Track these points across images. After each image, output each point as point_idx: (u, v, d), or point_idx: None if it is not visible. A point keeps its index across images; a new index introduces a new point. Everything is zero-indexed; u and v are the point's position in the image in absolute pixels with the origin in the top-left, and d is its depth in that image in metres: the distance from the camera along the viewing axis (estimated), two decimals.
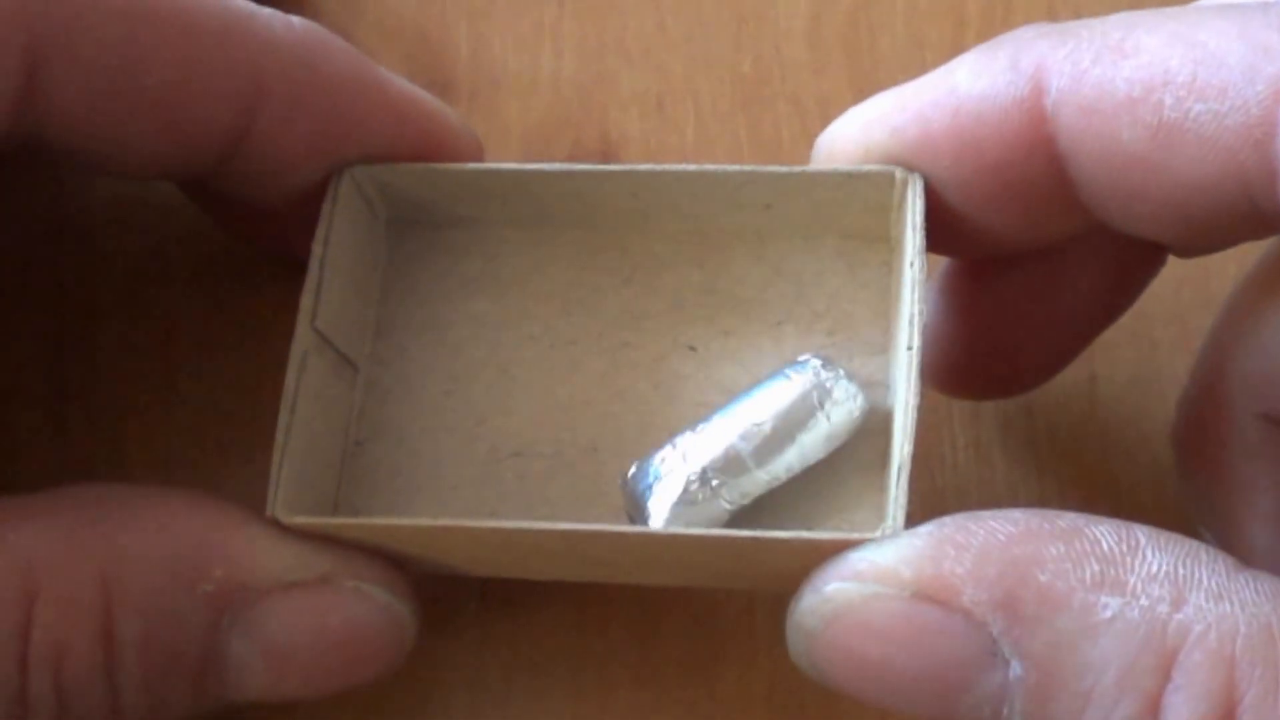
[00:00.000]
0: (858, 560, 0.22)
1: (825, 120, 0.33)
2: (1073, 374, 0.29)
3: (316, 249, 0.26)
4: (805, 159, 0.28)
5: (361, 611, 0.25)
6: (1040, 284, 0.27)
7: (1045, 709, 0.21)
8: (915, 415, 0.23)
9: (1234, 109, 0.22)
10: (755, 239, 0.28)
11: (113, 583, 0.24)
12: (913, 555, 0.22)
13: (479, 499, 0.26)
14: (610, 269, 0.28)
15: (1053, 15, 0.35)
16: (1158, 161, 0.23)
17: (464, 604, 0.28)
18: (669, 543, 0.24)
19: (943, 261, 0.28)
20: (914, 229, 0.25)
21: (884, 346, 0.27)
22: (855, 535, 0.23)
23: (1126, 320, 0.29)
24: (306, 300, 0.26)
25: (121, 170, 0.27)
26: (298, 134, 0.26)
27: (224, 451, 0.29)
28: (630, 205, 0.27)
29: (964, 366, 0.28)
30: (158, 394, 0.30)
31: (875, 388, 0.26)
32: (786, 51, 0.34)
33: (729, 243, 0.28)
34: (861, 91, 0.34)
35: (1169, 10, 0.24)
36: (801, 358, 0.26)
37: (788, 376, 0.25)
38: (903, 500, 0.23)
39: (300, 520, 0.25)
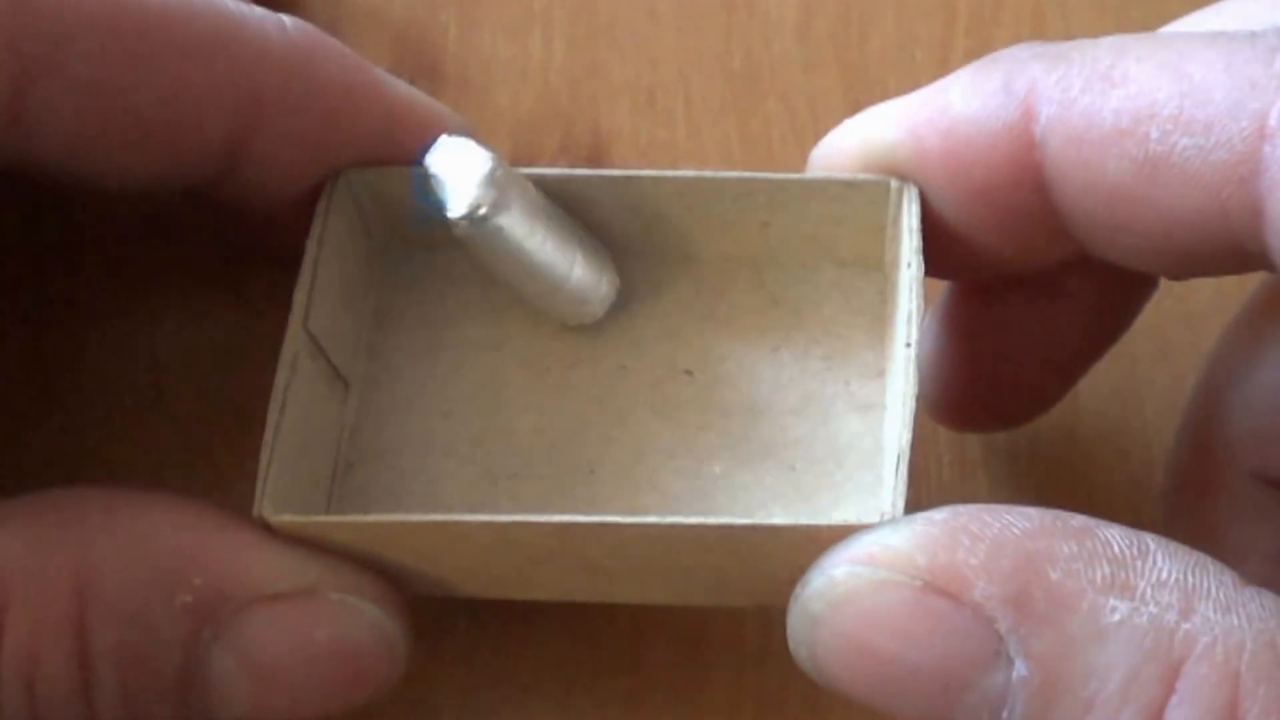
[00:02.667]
0: (870, 543, 0.22)
1: (814, 120, 0.33)
2: None
3: (310, 248, 0.26)
4: (794, 161, 0.28)
5: (349, 626, 0.24)
6: (1034, 311, 0.27)
7: (1047, 713, 0.21)
8: (913, 405, 0.23)
9: (1218, 145, 0.22)
10: (752, 267, 0.28)
11: (87, 592, 0.23)
12: (927, 542, 0.21)
13: None
14: None
15: (1039, 12, 0.35)
16: (1142, 195, 0.23)
17: (454, 621, 0.28)
18: (667, 534, 0.23)
19: (939, 290, 0.28)
20: (910, 231, 0.25)
21: (880, 370, 0.27)
22: (855, 522, 0.22)
23: None
24: (299, 298, 0.25)
25: (117, 188, 0.26)
26: (294, 142, 0.26)
27: (214, 460, 0.29)
28: (626, 221, 0.27)
29: (961, 397, 0.28)
30: (144, 402, 0.29)
31: (872, 410, 0.26)
32: (776, 45, 0.34)
33: (727, 269, 0.28)
34: (851, 88, 0.34)
35: (1160, 37, 0.24)
36: None
37: None
38: (902, 488, 0.23)
39: (287, 518, 0.24)
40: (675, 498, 0.26)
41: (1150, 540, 0.21)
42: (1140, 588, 0.20)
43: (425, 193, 0.26)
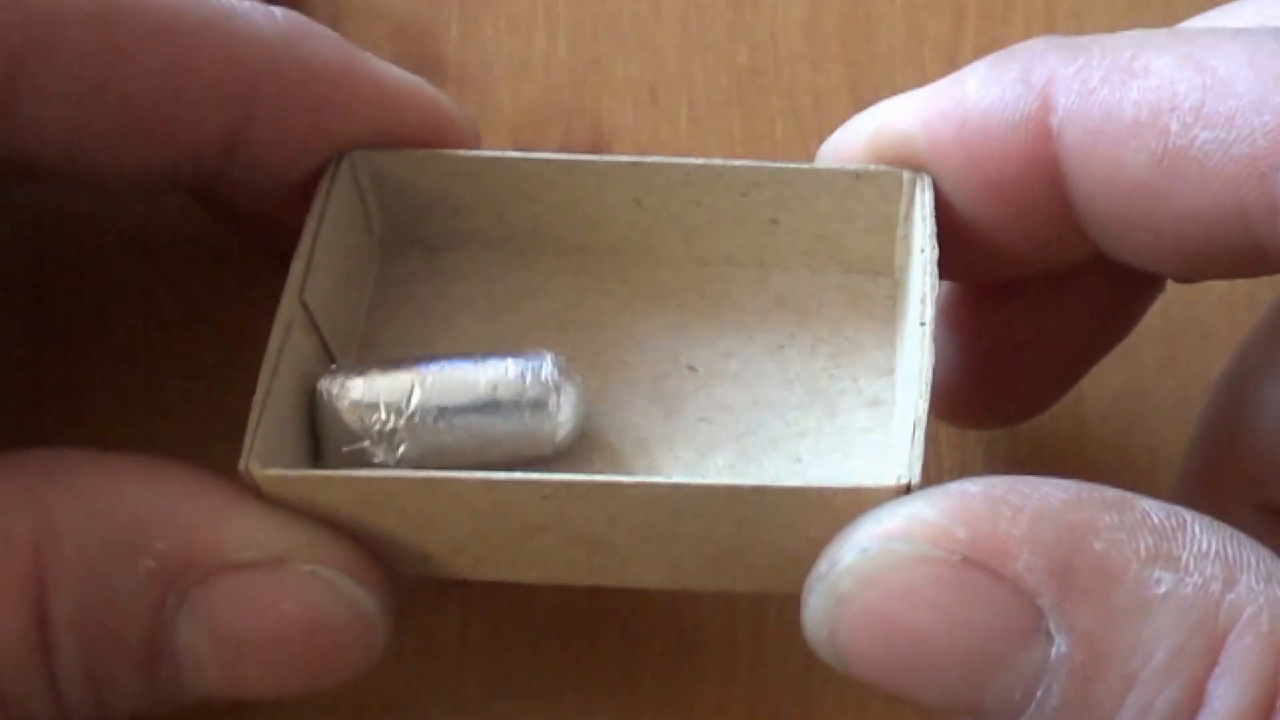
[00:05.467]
0: (904, 515, 0.21)
1: (819, 117, 0.33)
2: None
3: (310, 223, 0.25)
4: (798, 157, 0.27)
5: (320, 599, 0.23)
6: (1039, 312, 0.27)
7: (1087, 690, 0.20)
8: (930, 376, 0.23)
9: (1240, 139, 0.22)
10: (758, 267, 0.27)
11: (46, 554, 0.22)
12: (967, 514, 0.20)
13: None
14: (609, 293, 0.27)
15: (1050, 10, 0.34)
16: (1159, 189, 0.22)
17: (447, 616, 0.28)
18: (671, 496, 0.23)
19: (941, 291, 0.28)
20: (924, 219, 0.24)
21: (889, 369, 0.26)
22: (871, 485, 0.22)
23: None
24: (297, 267, 0.25)
25: (114, 180, 0.26)
26: (289, 130, 0.25)
27: (206, 429, 0.28)
28: (631, 218, 0.27)
29: (963, 394, 0.28)
30: (140, 397, 0.29)
31: (882, 405, 0.26)
32: (783, 42, 0.33)
33: (731, 272, 0.27)
34: (857, 86, 0.33)
35: (1182, 31, 0.23)
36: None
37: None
38: (919, 454, 0.22)
39: (274, 472, 0.23)
40: None
41: (1186, 513, 0.21)
42: (1184, 559, 0.20)
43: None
